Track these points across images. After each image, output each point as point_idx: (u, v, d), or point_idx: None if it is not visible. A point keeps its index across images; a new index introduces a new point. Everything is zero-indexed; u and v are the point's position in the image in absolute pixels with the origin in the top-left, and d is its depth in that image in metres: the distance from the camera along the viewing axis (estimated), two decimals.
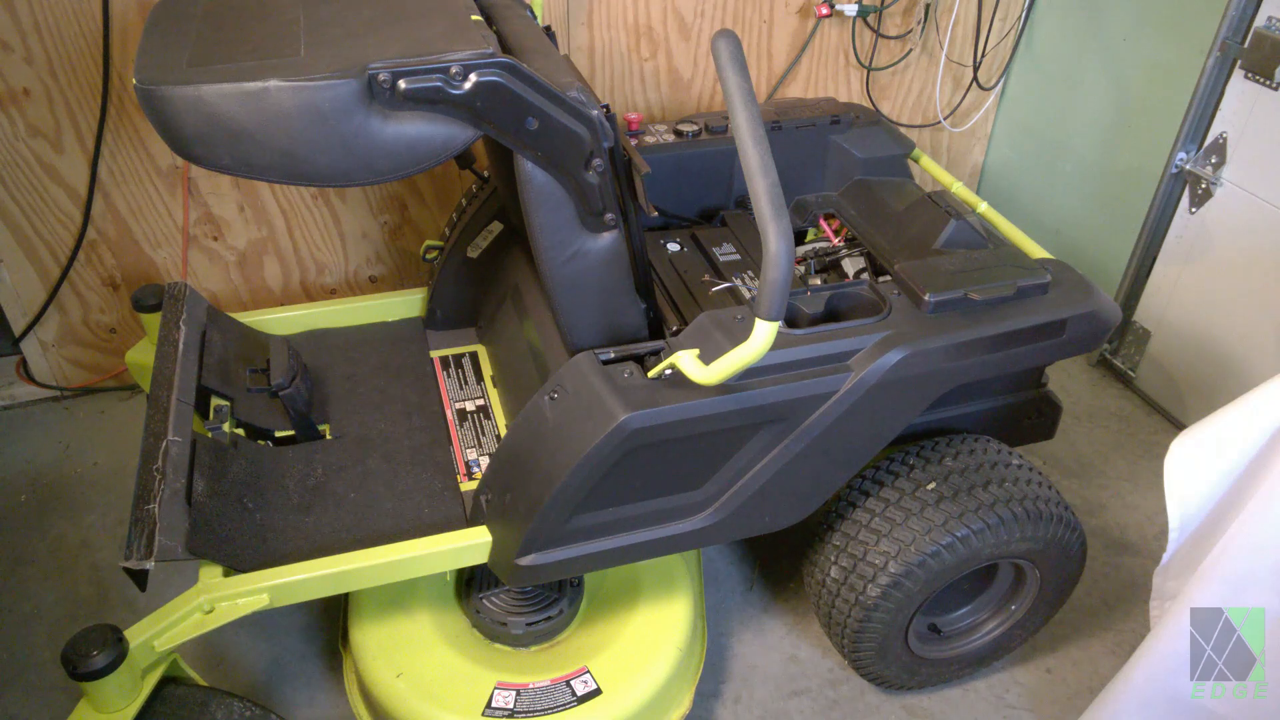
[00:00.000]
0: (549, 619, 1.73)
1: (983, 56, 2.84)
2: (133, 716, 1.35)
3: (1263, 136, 2.18)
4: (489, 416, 1.93)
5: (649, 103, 2.64)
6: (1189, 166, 2.37)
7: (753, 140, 1.21)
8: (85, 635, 1.32)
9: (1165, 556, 1.51)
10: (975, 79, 2.88)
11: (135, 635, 1.37)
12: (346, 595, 1.79)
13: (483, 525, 1.59)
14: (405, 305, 2.19)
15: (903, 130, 2.62)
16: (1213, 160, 2.31)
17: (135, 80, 1.25)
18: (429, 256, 2.17)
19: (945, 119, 2.95)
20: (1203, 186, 2.34)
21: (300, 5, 1.47)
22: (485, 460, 1.82)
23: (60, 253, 2.34)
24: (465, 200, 2.11)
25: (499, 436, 1.88)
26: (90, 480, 2.30)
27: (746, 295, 1.80)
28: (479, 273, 2.09)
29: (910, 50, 2.78)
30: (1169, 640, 1.43)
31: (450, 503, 1.70)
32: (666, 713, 1.70)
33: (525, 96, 1.36)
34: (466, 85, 1.32)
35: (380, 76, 1.27)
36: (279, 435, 1.81)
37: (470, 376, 2.04)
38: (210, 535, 1.47)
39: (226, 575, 1.47)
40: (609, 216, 1.52)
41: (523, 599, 1.75)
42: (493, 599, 1.75)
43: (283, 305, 2.25)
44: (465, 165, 2.05)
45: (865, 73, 2.78)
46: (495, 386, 2.01)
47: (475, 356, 2.10)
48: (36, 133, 2.18)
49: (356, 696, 1.74)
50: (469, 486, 1.75)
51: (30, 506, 2.24)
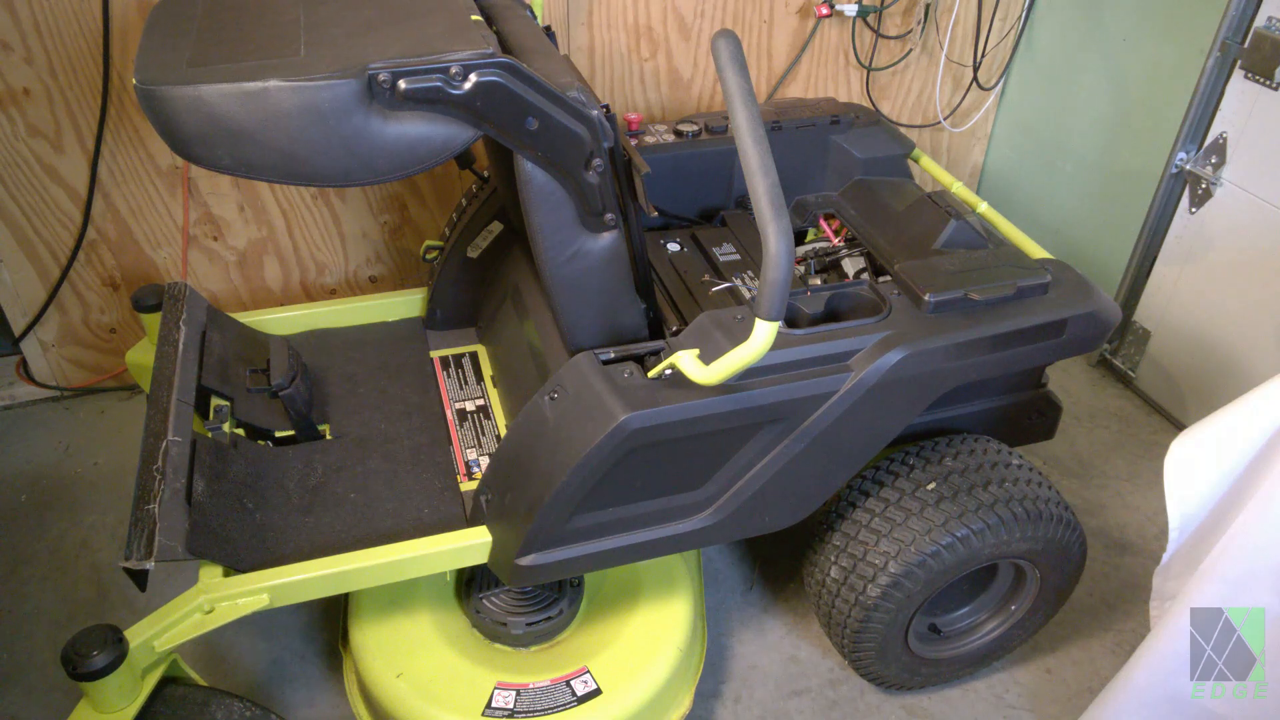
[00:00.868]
0: (549, 619, 1.73)
1: (983, 56, 2.84)
2: (133, 716, 1.35)
3: (1263, 136, 2.18)
4: (489, 416, 1.93)
5: (649, 103, 2.64)
6: (1189, 166, 2.37)
7: (753, 140, 1.21)
8: (85, 635, 1.32)
9: (1165, 556, 1.51)
10: (975, 79, 2.88)
11: (135, 635, 1.37)
12: (346, 595, 1.79)
13: (483, 525, 1.59)
14: (405, 305, 2.19)
15: (903, 130, 2.62)
16: (1213, 160, 2.31)
17: (135, 80, 1.25)
18: (429, 256, 2.17)
19: (945, 119, 2.95)
20: (1203, 186, 2.34)
21: (300, 5, 1.47)
22: (485, 460, 1.82)
23: (60, 253, 2.34)
24: (465, 200, 2.11)
25: (499, 436, 1.88)
26: (90, 480, 2.30)
27: (746, 295, 1.80)
28: (479, 273, 2.09)
29: (910, 50, 2.78)
30: (1169, 640, 1.43)
31: (450, 503, 1.70)
32: (667, 713, 1.70)
33: (525, 96, 1.36)
34: (466, 85, 1.32)
35: (380, 76, 1.27)
36: (279, 435, 1.81)
37: (470, 376, 2.04)
38: (210, 535, 1.47)
39: (226, 575, 1.47)
40: (609, 216, 1.52)
41: (523, 599, 1.75)
42: (493, 599, 1.75)
43: (283, 305, 2.25)
44: (465, 165, 2.05)
45: (865, 73, 2.78)
46: (495, 386, 2.01)
47: (475, 356, 2.10)
48: (36, 133, 2.18)
49: (356, 696, 1.74)
50: (469, 486, 1.75)
51: (30, 506, 2.24)
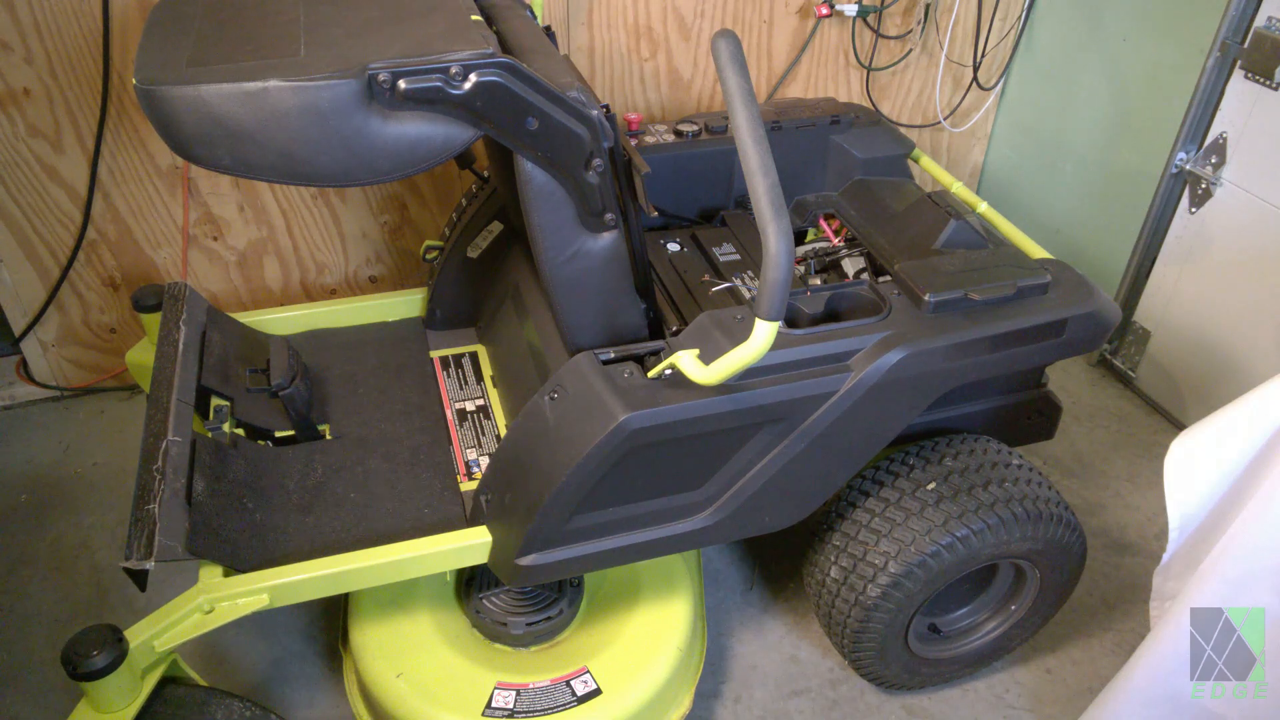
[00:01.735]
0: (549, 619, 1.73)
1: (982, 56, 2.84)
2: (133, 716, 1.35)
3: (1263, 136, 2.18)
4: (489, 416, 1.93)
5: (649, 103, 2.64)
6: (1189, 166, 2.37)
7: (753, 140, 1.21)
8: (85, 635, 1.32)
9: (1165, 556, 1.51)
10: (975, 79, 2.88)
11: (135, 635, 1.37)
12: (346, 595, 1.79)
13: (483, 525, 1.59)
14: (405, 305, 2.19)
15: (903, 130, 2.62)
16: (1213, 160, 2.31)
17: (135, 80, 1.25)
18: (429, 256, 2.17)
19: (945, 119, 2.95)
20: (1203, 186, 2.34)
21: (300, 5, 1.47)
22: (485, 460, 1.82)
23: (60, 253, 2.34)
24: (465, 200, 2.11)
25: (499, 436, 1.88)
26: (90, 480, 2.30)
27: (746, 295, 1.80)
28: (479, 273, 2.09)
29: (910, 50, 2.78)
30: (1169, 640, 1.43)
31: (450, 503, 1.70)
32: (666, 713, 1.70)
33: (525, 96, 1.36)
34: (466, 85, 1.32)
35: (380, 76, 1.27)
36: (279, 435, 1.81)
37: (470, 376, 2.04)
38: (210, 535, 1.47)
39: (226, 575, 1.47)
40: (609, 216, 1.52)
41: (523, 599, 1.75)
42: (493, 599, 1.75)
43: (283, 305, 2.25)
44: (465, 165, 2.05)
45: (865, 73, 2.78)
46: (495, 386, 2.01)
47: (475, 356, 2.10)
48: (37, 133, 2.18)
49: (356, 696, 1.74)
50: (469, 486, 1.75)
51: (30, 506, 2.24)
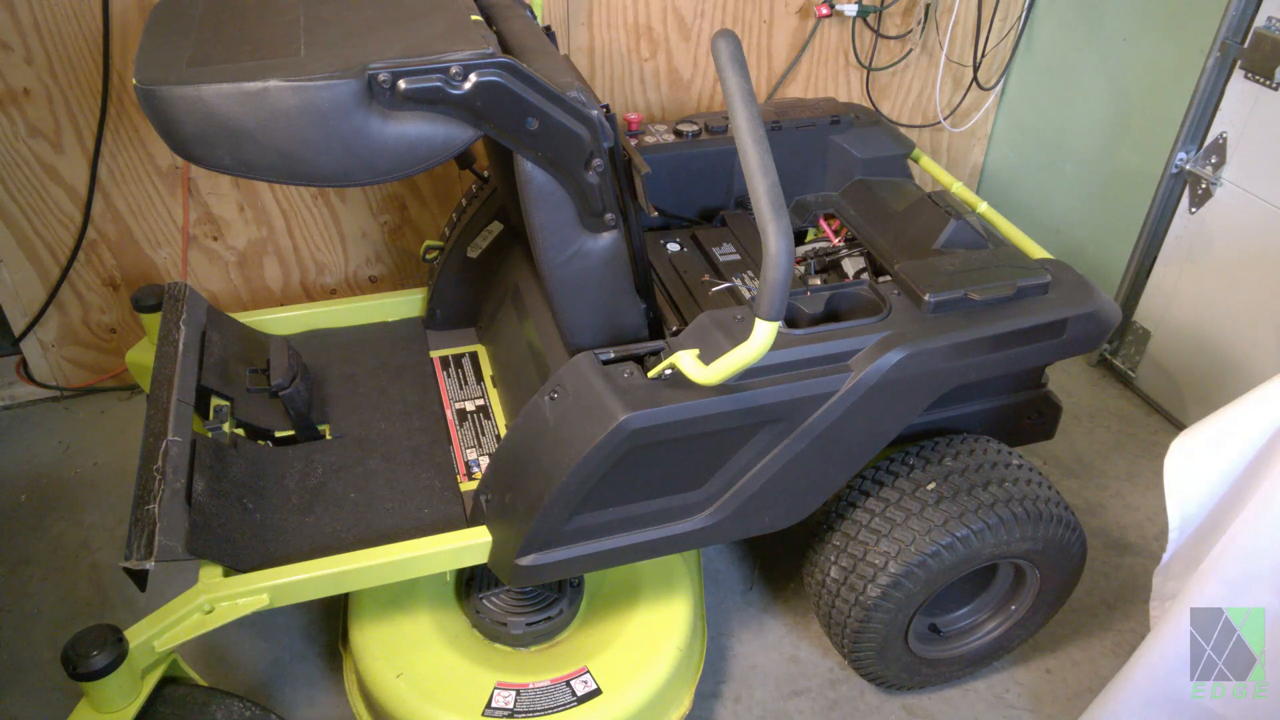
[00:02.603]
0: (549, 619, 1.73)
1: (982, 56, 2.84)
2: (133, 717, 1.35)
3: (1263, 136, 2.18)
4: (489, 416, 1.93)
5: (649, 103, 2.64)
6: (1189, 166, 2.37)
7: (753, 140, 1.21)
8: (85, 635, 1.32)
9: (1165, 557, 1.51)
10: (975, 79, 2.88)
11: (135, 635, 1.37)
12: (346, 595, 1.79)
13: (483, 525, 1.59)
14: (405, 305, 2.19)
15: (903, 130, 2.62)
16: (1213, 160, 2.31)
17: (135, 80, 1.25)
18: (429, 256, 2.18)
19: (945, 119, 2.95)
20: (1203, 186, 2.34)
21: (300, 5, 1.47)
22: (485, 460, 1.82)
23: (60, 253, 2.34)
24: (465, 200, 2.11)
25: (499, 436, 1.88)
26: (90, 480, 2.30)
27: (746, 295, 1.80)
28: (479, 273, 2.09)
29: (910, 50, 2.78)
30: (1169, 640, 1.43)
31: (450, 503, 1.70)
32: (666, 713, 1.70)
33: (525, 96, 1.36)
34: (466, 85, 1.32)
35: (380, 76, 1.27)
36: (279, 435, 1.81)
37: (470, 376, 2.04)
38: (210, 535, 1.47)
39: (226, 575, 1.47)
40: (609, 216, 1.52)
41: (523, 599, 1.75)
42: (493, 599, 1.75)
43: (283, 305, 2.25)
44: (465, 165, 2.05)
45: (865, 73, 2.78)
46: (495, 386, 2.01)
47: (475, 356, 2.10)
48: (36, 133, 2.18)
49: (356, 696, 1.74)
50: (469, 486, 1.75)
51: (30, 506, 2.24)
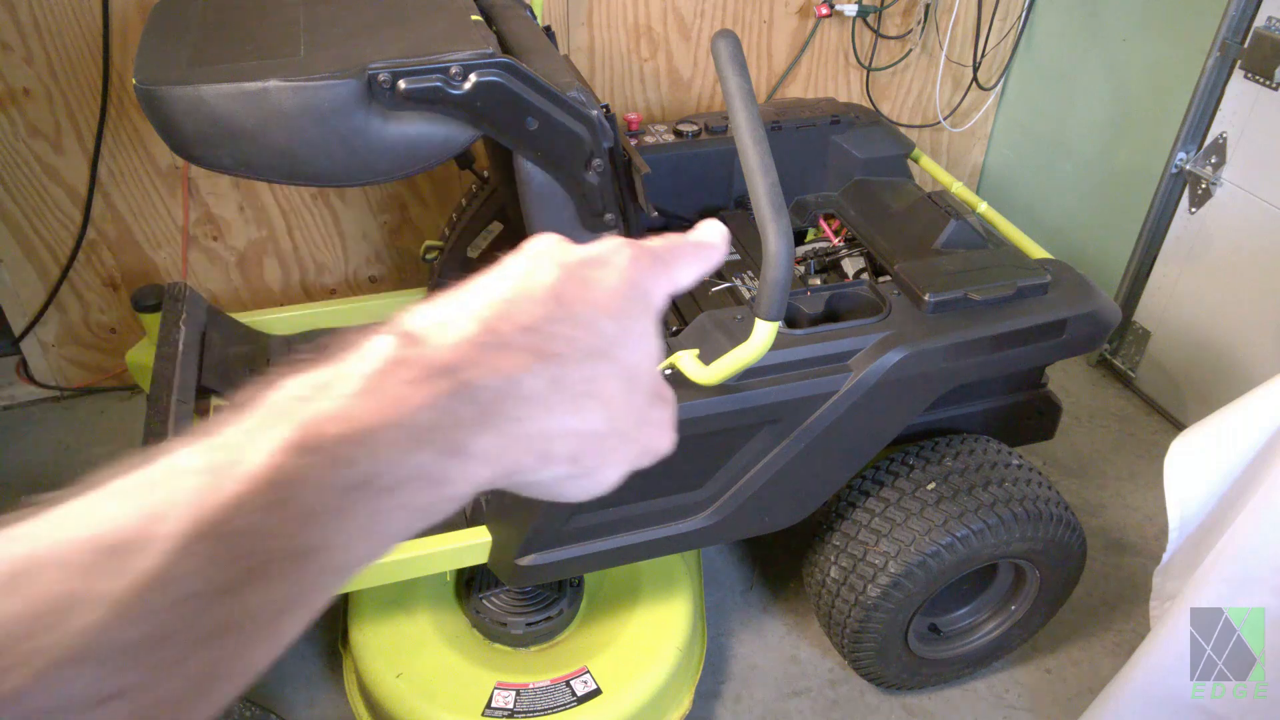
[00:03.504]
0: (549, 619, 1.73)
1: (982, 57, 2.84)
2: None
3: (1263, 137, 2.18)
4: None
5: (649, 103, 2.64)
6: (1189, 167, 2.37)
7: (752, 140, 1.21)
8: None
9: (1165, 556, 1.51)
10: (975, 79, 2.88)
11: None
12: (346, 595, 1.79)
13: (482, 525, 1.59)
14: (405, 305, 2.18)
15: (903, 130, 2.62)
16: (1212, 160, 2.31)
17: (135, 80, 1.25)
18: (429, 257, 2.17)
19: (945, 119, 2.95)
20: (1203, 187, 2.34)
21: (300, 5, 1.47)
22: None
23: (60, 253, 2.34)
24: (465, 200, 2.11)
25: None
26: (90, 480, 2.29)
27: (746, 295, 1.80)
28: (479, 273, 2.09)
29: (910, 50, 2.78)
30: (1169, 640, 1.43)
31: None
32: (666, 713, 1.70)
33: (525, 97, 1.36)
34: (466, 85, 1.31)
35: (380, 76, 1.27)
36: None
37: None
38: None
39: None
40: (609, 217, 1.52)
41: (522, 599, 1.75)
42: (492, 599, 1.75)
43: (283, 305, 2.25)
44: (465, 165, 2.04)
45: (865, 73, 2.78)
46: None
47: None
48: (36, 133, 2.18)
49: (356, 696, 1.74)
50: None
51: (30, 506, 2.23)
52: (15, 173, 2.21)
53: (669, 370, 1.43)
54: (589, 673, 1.64)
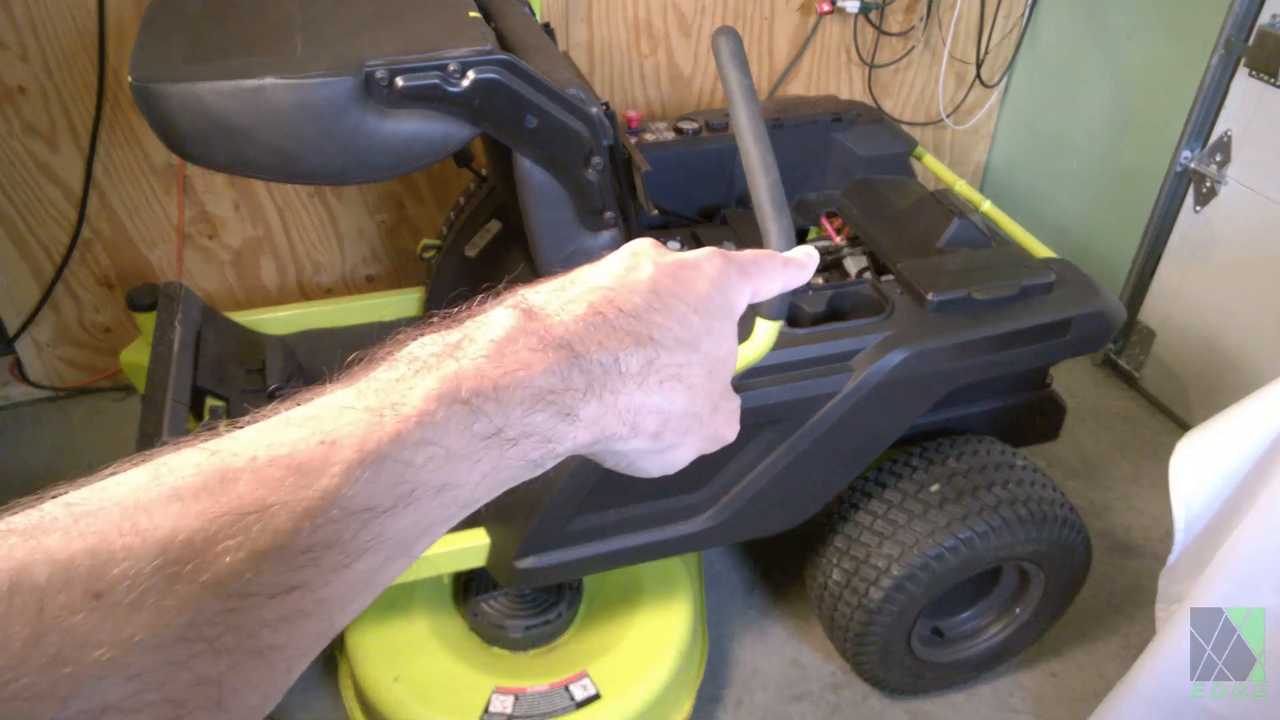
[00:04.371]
0: (548, 622, 1.72)
1: (986, 54, 2.82)
2: None
3: (1267, 134, 2.17)
4: None
5: (649, 100, 2.63)
6: (1193, 165, 2.35)
7: (754, 138, 1.19)
8: None
9: (1171, 559, 1.50)
10: (978, 76, 2.87)
11: None
12: None
13: (481, 527, 1.57)
14: (402, 304, 2.17)
15: (905, 128, 2.60)
16: (1217, 159, 2.29)
17: (130, 77, 1.23)
18: (426, 255, 2.16)
19: (948, 117, 2.93)
20: (1207, 185, 2.33)
21: (297, 1, 1.45)
22: None
23: (55, 252, 2.32)
24: (463, 198, 2.10)
25: None
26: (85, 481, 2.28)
27: None
28: (477, 272, 2.08)
29: (913, 47, 2.77)
30: (1175, 643, 1.42)
31: None
32: (667, 717, 1.69)
33: (524, 94, 1.34)
34: (464, 83, 1.30)
35: (377, 74, 1.26)
36: None
37: None
38: None
39: None
40: (608, 215, 1.51)
41: (521, 602, 1.73)
42: (490, 602, 1.73)
43: (279, 304, 2.23)
44: (463, 163, 2.03)
45: (867, 70, 2.77)
46: None
47: None
48: (31, 131, 2.16)
49: (353, 701, 1.72)
50: None
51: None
52: (10, 171, 2.19)
53: None
54: (588, 677, 1.62)
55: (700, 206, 2.09)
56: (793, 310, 1.55)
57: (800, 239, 2.03)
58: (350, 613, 0.36)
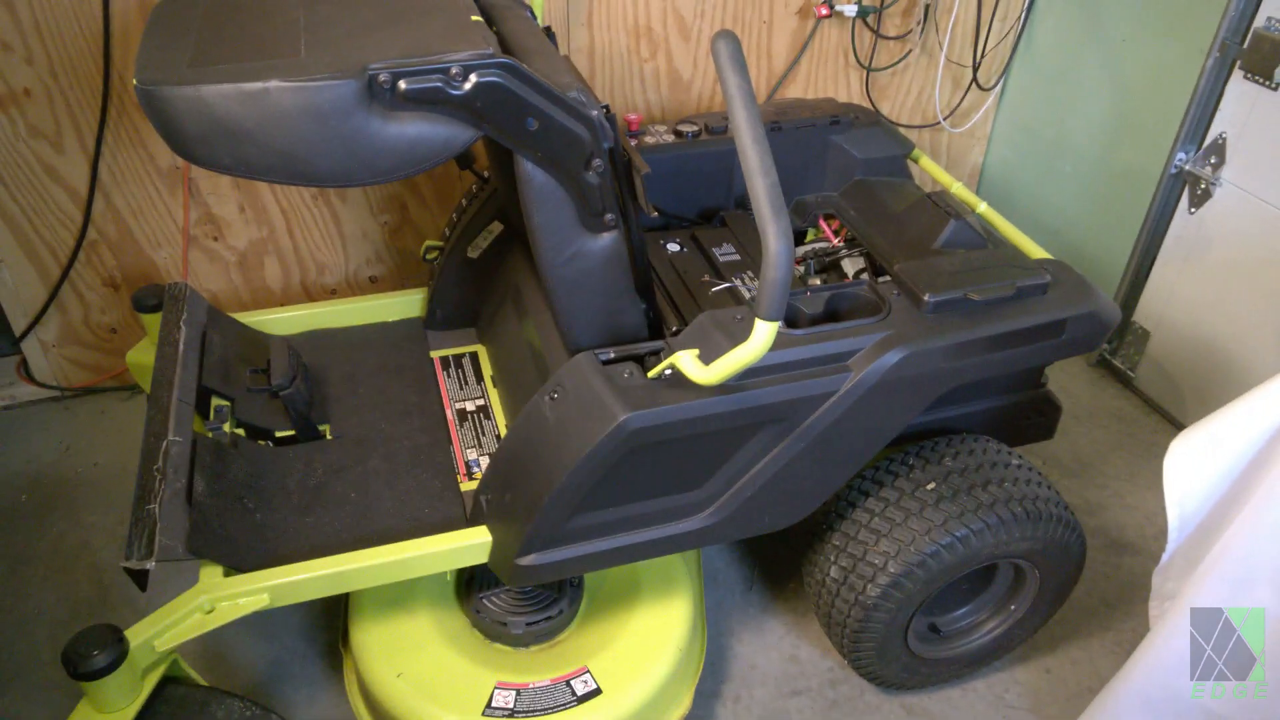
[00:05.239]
0: (549, 619, 1.73)
1: (982, 57, 2.84)
2: (133, 716, 1.35)
3: (1262, 137, 2.18)
4: (489, 416, 1.93)
5: (649, 103, 2.64)
6: (1188, 167, 2.37)
7: (752, 141, 1.21)
8: (86, 635, 1.32)
9: (1164, 556, 1.51)
10: (975, 79, 2.88)
11: (136, 635, 1.37)
12: (346, 595, 1.79)
13: (483, 525, 1.59)
14: (405, 305, 2.19)
15: (902, 130, 2.62)
16: (1212, 160, 2.31)
17: (135, 80, 1.25)
18: (429, 257, 2.18)
19: (945, 119, 2.95)
20: (1202, 187, 2.34)
21: (301, 5, 1.47)
22: (485, 460, 1.82)
23: (61, 253, 2.34)
24: (465, 200, 2.11)
25: (499, 436, 1.88)
26: (90, 480, 2.30)
27: (746, 295, 1.81)
28: (479, 273, 2.10)
29: (910, 51, 2.78)
30: (1168, 640, 1.43)
31: (450, 503, 1.70)
32: (666, 712, 1.70)
33: (525, 97, 1.36)
34: (466, 86, 1.32)
35: (380, 77, 1.27)
36: (279, 435, 1.81)
37: (470, 376, 2.04)
38: (211, 535, 1.47)
39: (227, 575, 1.48)
40: (609, 217, 1.52)
41: (523, 599, 1.75)
42: (493, 599, 1.75)
43: (283, 305, 2.25)
44: (465, 165, 2.05)
45: (865, 73, 2.78)
46: (495, 386, 2.01)
47: (475, 356, 2.10)
48: (37, 133, 2.18)
49: (357, 696, 1.74)
50: (469, 486, 1.75)
51: (30, 506, 2.24)
52: (16, 173, 2.21)
53: (668, 371, 1.44)
54: (589, 672, 1.64)
55: (699, 208, 2.11)
56: (791, 311, 1.56)
57: (798, 240, 2.05)
58: None
